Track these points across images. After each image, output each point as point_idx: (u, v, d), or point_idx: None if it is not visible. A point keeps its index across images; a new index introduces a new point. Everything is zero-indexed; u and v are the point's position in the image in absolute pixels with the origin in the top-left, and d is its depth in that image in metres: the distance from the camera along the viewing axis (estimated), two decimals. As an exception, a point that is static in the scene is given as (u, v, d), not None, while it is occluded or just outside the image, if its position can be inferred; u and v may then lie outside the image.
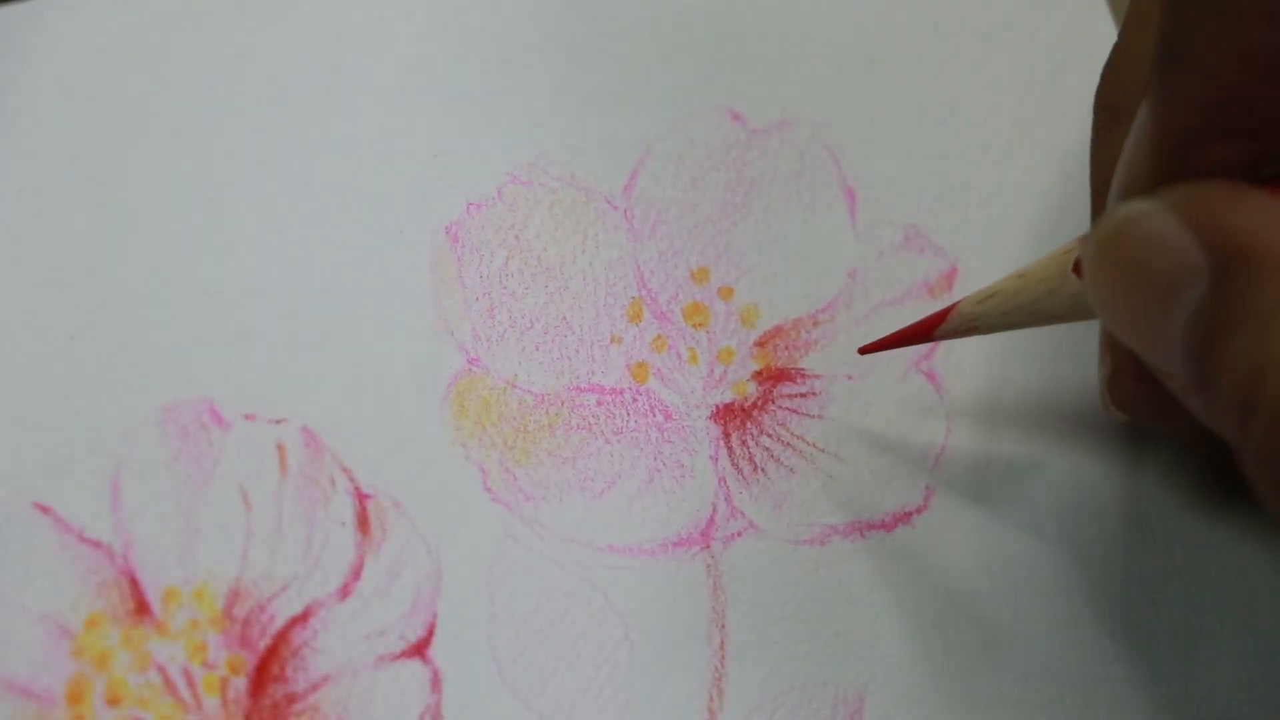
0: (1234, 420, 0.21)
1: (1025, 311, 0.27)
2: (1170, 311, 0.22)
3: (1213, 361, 0.22)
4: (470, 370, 0.31)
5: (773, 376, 0.32)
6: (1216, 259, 0.21)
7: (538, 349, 0.31)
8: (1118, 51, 0.29)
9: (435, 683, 0.29)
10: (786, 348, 0.32)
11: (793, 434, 0.31)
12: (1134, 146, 0.24)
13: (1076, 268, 0.25)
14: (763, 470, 0.31)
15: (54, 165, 0.32)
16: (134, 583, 0.29)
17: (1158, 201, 0.22)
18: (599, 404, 0.31)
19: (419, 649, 0.29)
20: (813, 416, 0.31)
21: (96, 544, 0.29)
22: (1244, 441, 0.21)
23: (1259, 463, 0.21)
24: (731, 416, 0.31)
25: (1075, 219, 0.33)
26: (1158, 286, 0.22)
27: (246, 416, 0.30)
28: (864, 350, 0.30)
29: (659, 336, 0.32)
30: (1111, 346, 0.28)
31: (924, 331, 0.29)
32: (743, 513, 0.31)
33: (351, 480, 0.30)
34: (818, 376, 0.32)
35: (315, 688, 0.29)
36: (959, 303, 0.28)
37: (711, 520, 0.31)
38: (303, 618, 0.29)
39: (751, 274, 0.32)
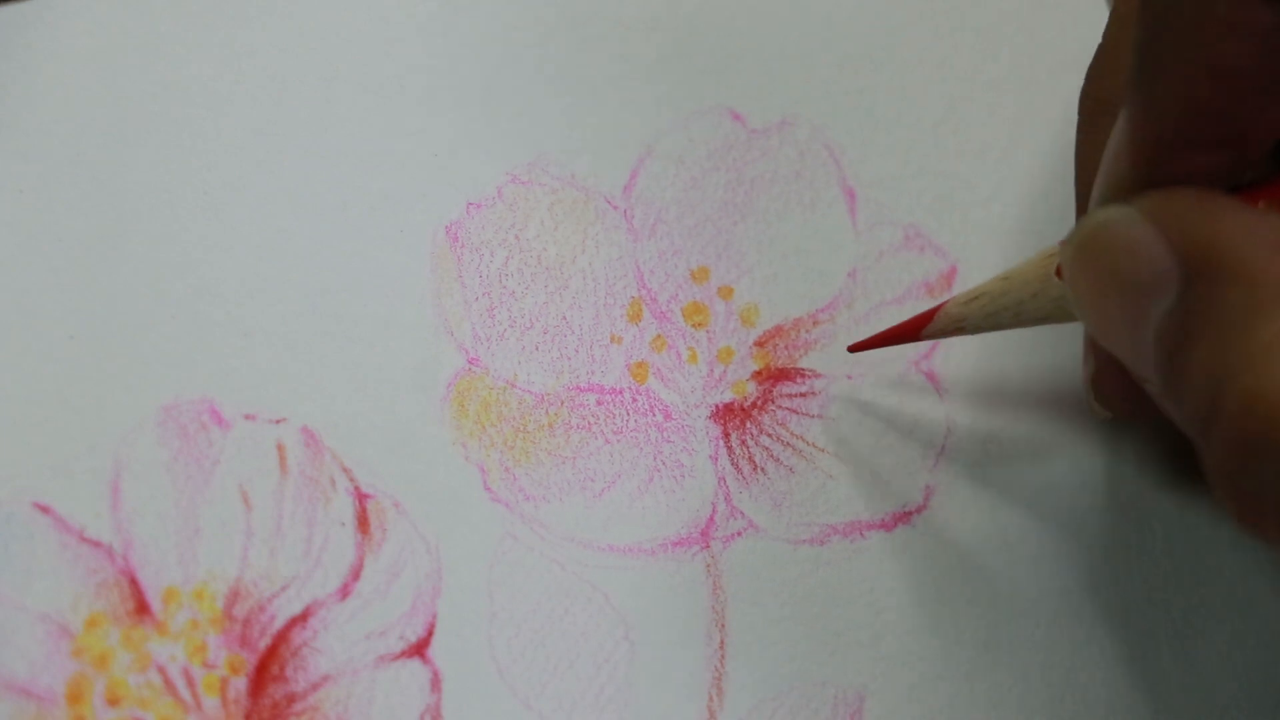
0: (1198, 429, 0.21)
1: (1009, 313, 0.27)
2: (1142, 317, 0.22)
3: (1178, 369, 0.22)
4: (470, 370, 0.31)
5: (772, 376, 0.32)
6: (1185, 267, 0.21)
7: (537, 349, 0.31)
8: (1102, 52, 0.29)
9: (435, 683, 0.29)
10: (786, 347, 0.32)
11: (792, 434, 0.31)
12: (1113, 153, 0.24)
13: (1060, 271, 0.25)
14: (762, 470, 0.31)
15: (54, 165, 0.32)
16: (134, 583, 0.29)
17: (1132, 208, 0.23)
18: (599, 404, 0.31)
19: (419, 649, 0.29)
20: (812, 416, 0.31)
21: (97, 544, 0.29)
22: (1205, 451, 0.21)
23: (1218, 475, 0.21)
24: (731, 416, 0.31)
25: (1075, 219, 0.33)
26: (1130, 292, 0.22)
27: (246, 416, 0.30)
28: (853, 348, 0.30)
29: (659, 336, 0.32)
30: (1095, 346, 0.28)
31: (911, 330, 0.29)
32: (742, 512, 0.31)
33: (351, 480, 0.30)
34: (817, 376, 0.32)
35: (315, 688, 0.29)
36: (945, 303, 0.28)
37: (711, 520, 0.31)
38: (303, 618, 0.29)
39: (751, 274, 0.32)
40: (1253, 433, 0.20)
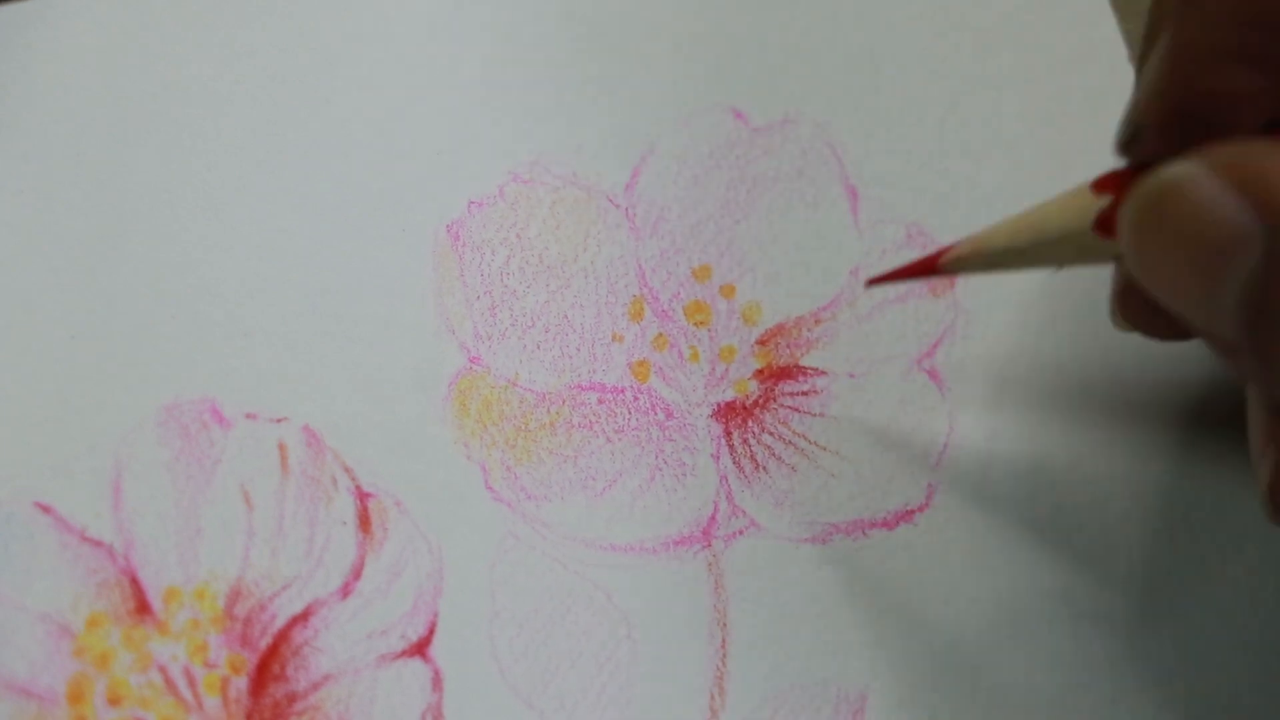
0: None
1: (1029, 255, 0.25)
2: (1221, 278, 0.22)
3: (1269, 329, 0.21)
4: (471, 369, 0.31)
5: (774, 374, 0.32)
6: (1271, 223, 0.21)
7: (539, 347, 0.31)
8: None
9: (436, 682, 0.29)
10: (788, 346, 0.32)
11: (794, 432, 0.31)
12: (1153, 63, 0.23)
13: (1100, 225, 0.24)
14: (764, 468, 0.31)
15: (54, 165, 0.32)
16: (135, 582, 0.29)
17: (1203, 164, 0.22)
18: (600, 402, 0.31)
19: (420, 648, 0.29)
20: (814, 414, 0.31)
21: (98, 544, 0.29)
22: None
23: None
24: (733, 415, 0.31)
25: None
26: (1207, 254, 0.22)
27: (248, 416, 0.30)
28: (871, 282, 0.29)
29: (660, 335, 0.32)
30: (1121, 265, 0.27)
31: (928, 264, 0.27)
32: (744, 511, 0.31)
33: (353, 479, 0.30)
34: (820, 374, 0.32)
35: (316, 687, 0.29)
36: (964, 240, 0.27)
37: (713, 519, 0.31)
38: (304, 617, 0.29)
39: (753, 272, 0.32)
40: None
